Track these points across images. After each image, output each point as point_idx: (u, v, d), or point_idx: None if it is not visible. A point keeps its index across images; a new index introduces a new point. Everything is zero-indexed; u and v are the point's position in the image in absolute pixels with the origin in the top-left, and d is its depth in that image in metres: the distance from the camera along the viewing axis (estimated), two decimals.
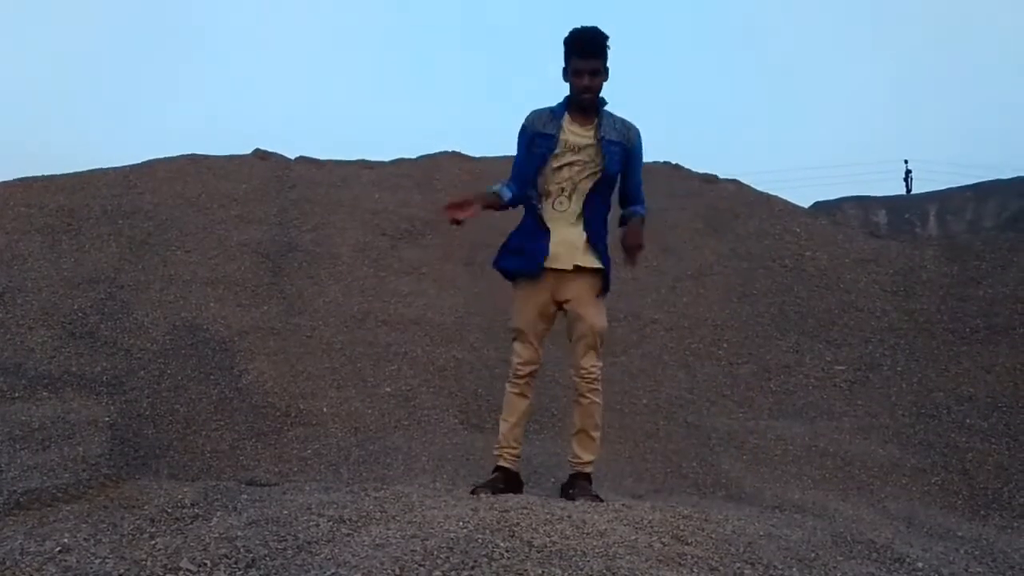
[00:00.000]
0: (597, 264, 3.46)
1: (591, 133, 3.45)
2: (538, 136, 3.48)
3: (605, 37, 3.38)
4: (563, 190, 3.47)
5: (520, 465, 3.70)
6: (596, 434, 3.56)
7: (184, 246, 6.74)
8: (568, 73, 3.43)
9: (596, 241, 3.47)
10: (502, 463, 3.58)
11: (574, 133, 3.46)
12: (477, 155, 8.81)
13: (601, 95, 3.48)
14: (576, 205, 3.47)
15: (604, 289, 3.54)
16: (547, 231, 3.47)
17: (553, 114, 3.50)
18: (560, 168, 3.46)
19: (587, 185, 3.47)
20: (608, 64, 3.42)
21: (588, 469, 3.57)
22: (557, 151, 3.44)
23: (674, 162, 8.95)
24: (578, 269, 3.45)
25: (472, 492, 3.35)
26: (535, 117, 3.53)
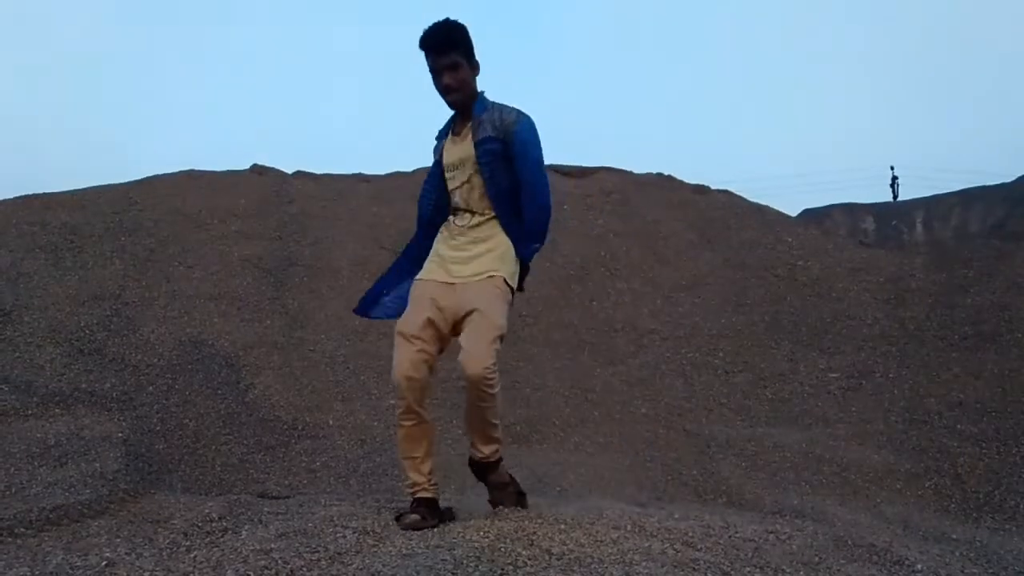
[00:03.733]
0: (477, 274, 2.97)
1: (468, 140, 3.03)
2: (434, 165, 3.16)
3: (456, 28, 2.96)
4: (461, 210, 3.08)
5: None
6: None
7: (186, 262, 6.82)
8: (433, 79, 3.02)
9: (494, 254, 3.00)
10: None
11: (450, 151, 3.09)
12: None
13: (482, 91, 3.07)
14: (478, 219, 3.04)
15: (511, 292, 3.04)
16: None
17: (441, 135, 3.18)
18: (452, 190, 3.09)
19: (482, 201, 3.04)
20: (475, 57, 3.01)
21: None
22: (446, 174, 3.09)
23: (667, 173, 9.11)
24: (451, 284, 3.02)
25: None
26: (435, 146, 3.18)
